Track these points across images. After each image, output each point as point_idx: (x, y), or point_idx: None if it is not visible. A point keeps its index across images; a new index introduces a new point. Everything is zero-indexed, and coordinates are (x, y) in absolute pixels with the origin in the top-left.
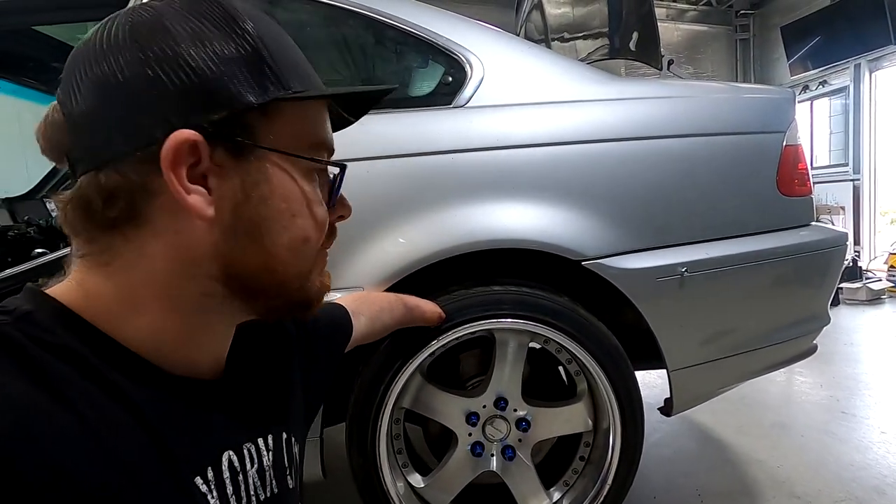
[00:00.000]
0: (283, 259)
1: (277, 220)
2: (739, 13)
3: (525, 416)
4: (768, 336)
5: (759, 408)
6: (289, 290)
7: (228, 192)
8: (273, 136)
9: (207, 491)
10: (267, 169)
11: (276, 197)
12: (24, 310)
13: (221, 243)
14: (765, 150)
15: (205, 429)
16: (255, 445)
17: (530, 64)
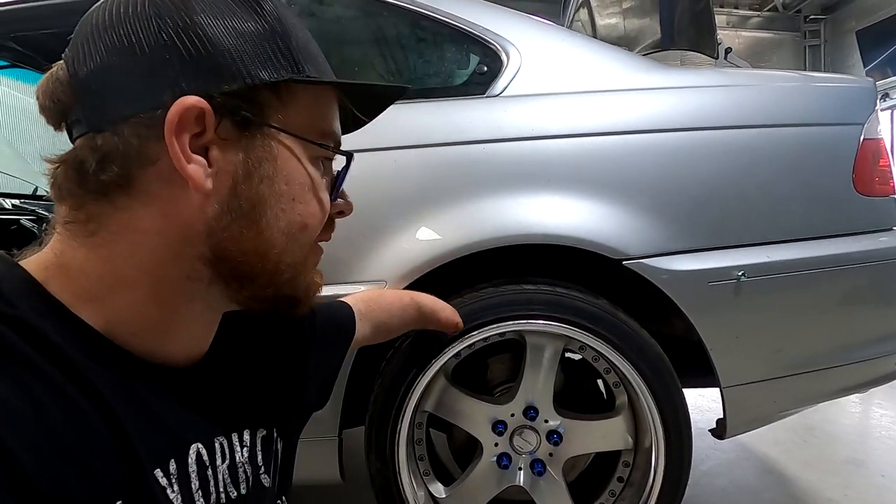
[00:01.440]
0: (278, 244)
1: (277, 202)
2: (809, 18)
3: (557, 428)
4: (840, 354)
5: (830, 441)
6: (279, 280)
7: (230, 167)
8: (283, 116)
9: (167, 484)
10: (273, 148)
11: (280, 178)
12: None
13: (215, 221)
14: (839, 144)
15: (172, 419)
16: (227, 440)
17: (572, 52)
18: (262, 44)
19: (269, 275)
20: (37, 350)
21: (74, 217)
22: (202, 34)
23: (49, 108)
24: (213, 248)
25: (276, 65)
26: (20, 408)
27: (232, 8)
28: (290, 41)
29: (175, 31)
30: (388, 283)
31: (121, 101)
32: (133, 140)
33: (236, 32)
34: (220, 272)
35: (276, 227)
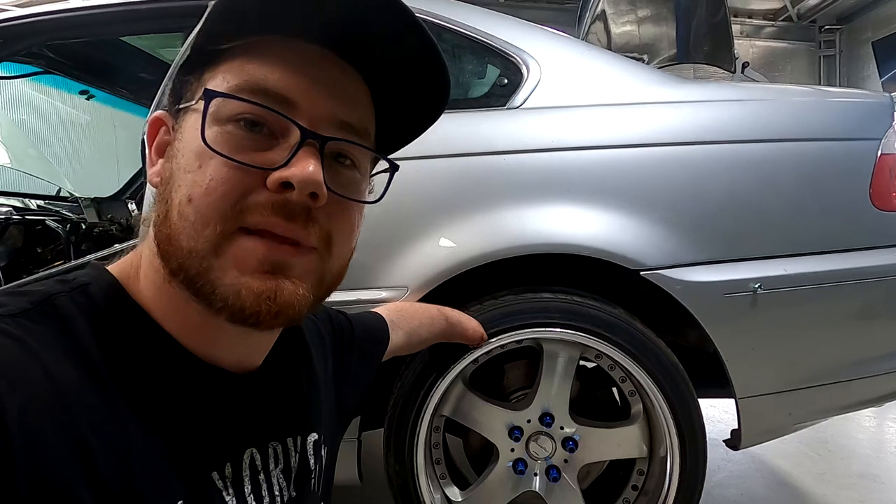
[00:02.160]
0: (173, 223)
1: (177, 176)
2: (824, 28)
3: (572, 434)
4: (855, 368)
5: (844, 455)
6: (188, 269)
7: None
8: (202, 89)
9: (223, 487)
10: (184, 120)
11: (182, 151)
12: (81, 282)
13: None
14: (856, 159)
15: (230, 424)
16: (282, 445)
17: (591, 66)
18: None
19: (179, 265)
20: (113, 352)
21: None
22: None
23: None
24: (154, 240)
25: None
26: (95, 405)
27: None
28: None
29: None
30: (411, 289)
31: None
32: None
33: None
34: (165, 268)
35: (174, 205)
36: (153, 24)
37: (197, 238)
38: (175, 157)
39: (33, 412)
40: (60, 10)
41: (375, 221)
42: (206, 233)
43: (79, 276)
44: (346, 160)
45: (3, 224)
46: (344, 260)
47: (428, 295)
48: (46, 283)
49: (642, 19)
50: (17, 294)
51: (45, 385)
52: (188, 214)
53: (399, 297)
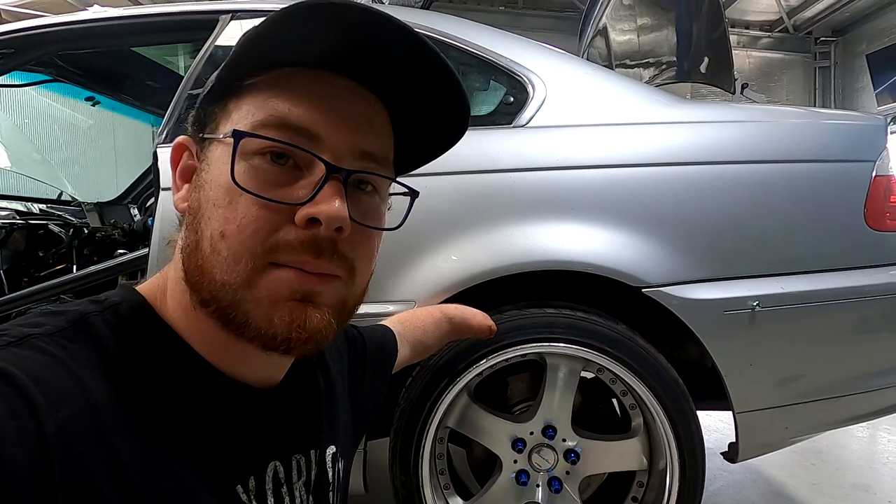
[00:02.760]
0: (205, 256)
1: (206, 209)
2: (819, 40)
3: (574, 447)
4: (851, 384)
5: (838, 465)
6: (221, 301)
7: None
8: (228, 121)
9: (247, 501)
10: (210, 151)
11: (210, 183)
12: (112, 301)
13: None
14: (851, 180)
15: (253, 437)
16: (305, 458)
17: (595, 86)
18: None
19: (212, 297)
20: (142, 369)
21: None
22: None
23: None
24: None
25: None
26: (127, 420)
27: None
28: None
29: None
30: (418, 302)
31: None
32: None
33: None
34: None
35: (205, 237)
36: (160, 36)
37: (230, 272)
38: (203, 188)
39: (71, 428)
40: (72, 21)
41: (385, 236)
42: (238, 268)
43: (110, 296)
44: (367, 186)
45: (6, 228)
46: (364, 285)
47: None
48: (81, 303)
49: (642, 27)
50: (54, 314)
51: (81, 402)
52: (221, 250)
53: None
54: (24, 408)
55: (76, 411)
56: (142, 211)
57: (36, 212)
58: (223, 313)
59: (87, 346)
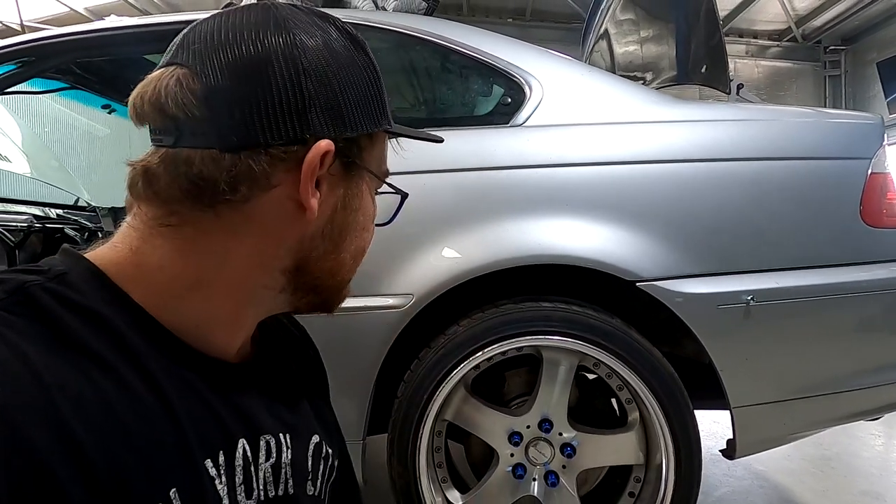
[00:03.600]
0: (346, 265)
1: (355, 230)
2: (829, 49)
3: (571, 441)
4: (849, 380)
5: (848, 472)
6: (335, 291)
7: (332, 199)
8: (369, 158)
9: (216, 475)
10: (361, 185)
11: (361, 210)
12: (58, 270)
13: (308, 242)
14: (847, 178)
15: (223, 412)
16: (275, 439)
17: (591, 86)
18: (368, 95)
19: (332, 289)
20: (101, 339)
21: (169, 221)
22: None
23: (171, 117)
24: (298, 262)
25: (376, 114)
26: (82, 393)
27: (354, 56)
28: (382, 90)
29: (316, 75)
30: (416, 296)
31: (262, 131)
32: (267, 167)
33: (356, 82)
34: (296, 283)
35: (349, 251)
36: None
37: (353, 272)
38: (354, 212)
39: (15, 407)
40: (88, 30)
41: (384, 231)
42: (356, 269)
43: (53, 264)
44: None
45: (25, 232)
46: None
47: (432, 303)
48: (14, 272)
49: (645, 39)
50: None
51: (27, 379)
52: (359, 261)
53: (405, 303)
54: None
55: (21, 388)
56: None
57: (53, 216)
58: (328, 297)
59: (30, 319)
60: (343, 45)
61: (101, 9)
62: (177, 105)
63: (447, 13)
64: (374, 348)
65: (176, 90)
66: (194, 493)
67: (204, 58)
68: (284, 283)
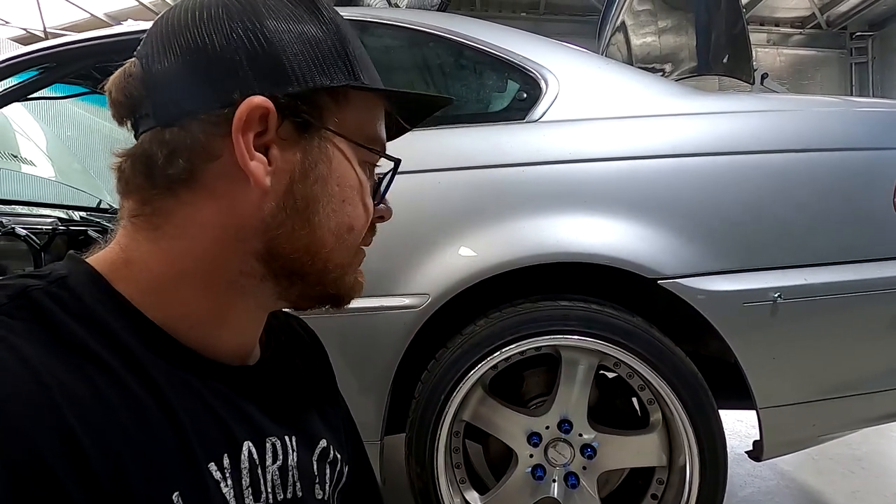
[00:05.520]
0: (327, 244)
1: (329, 202)
2: (855, 35)
3: (591, 441)
4: (881, 379)
5: (879, 473)
6: (326, 279)
7: (287, 167)
8: (338, 120)
9: (221, 479)
10: (328, 150)
11: (333, 179)
12: (58, 274)
13: (270, 218)
14: (880, 169)
15: (226, 415)
16: (280, 441)
17: (608, 79)
18: (323, 49)
19: (318, 273)
20: (100, 342)
21: (141, 211)
22: (270, 37)
23: (120, 103)
24: (267, 244)
25: (335, 70)
26: (84, 396)
27: (296, 12)
28: (347, 47)
29: (245, 33)
30: (432, 296)
31: (191, 98)
32: (200, 135)
33: (301, 37)
34: (272, 269)
35: (327, 227)
36: None
37: (346, 255)
38: (316, 181)
39: (15, 407)
40: (108, 35)
41: (399, 230)
42: (351, 252)
43: (55, 268)
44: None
45: (50, 234)
46: None
47: (449, 302)
48: (16, 277)
49: (663, 30)
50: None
51: (26, 380)
52: (347, 239)
53: (421, 303)
54: None
55: (20, 389)
56: None
57: (77, 219)
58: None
59: (30, 322)
60: (284, 3)
61: (120, 14)
62: (125, 93)
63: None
64: (391, 348)
65: (123, 80)
66: (198, 496)
67: (145, 43)
68: (263, 271)
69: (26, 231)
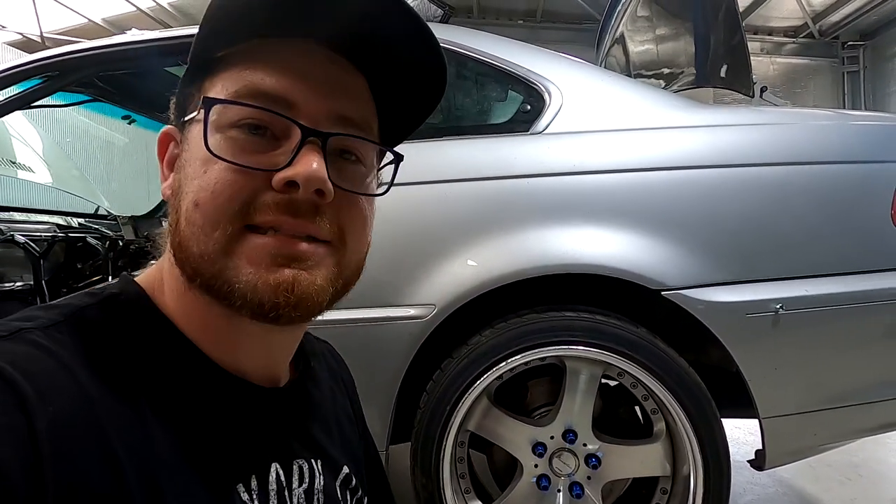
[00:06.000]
0: (182, 230)
1: (184, 185)
2: (847, 44)
3: (595, 451)
4: (882, 389)
5: (876, 480)
6: (203, 273)
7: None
8: (207, 93)
9: (249, 500)
10: (189, 131)
11: (189, 161)
12: (110, 293)
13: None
14: (877, 182)
15: (254, 436)
16: (308, 465)
17: (610, 92)
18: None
19: (194, 270)
20: (139, 362)
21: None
22: None
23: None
24: (171, 248)
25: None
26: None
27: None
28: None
29: None
30: (438, 306)
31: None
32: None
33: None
34: (183, 275)
35: (182, 213)
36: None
37: (207, 242)
38: (183, 168)
39: (63, 423)
40: (111, 44)
41: (405, 241)
42: (215, 235)
43: (108, 287)
44: (351, 156)
45: (49, 241)
46: (360, 253)
47: (454, 313)
48: (77, 296)
49: (660, 37)
50: (50, 307)
51: (75, 396)
52: (196, 220)
53: (427, 314)
54: (13, 402)
55: (68, 406)
56: None
57: (75, 226)
58: (208, 286)
59: (81, 339)
60: None
61: (118, 19)
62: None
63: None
64: (397, 358)
65: None
66: None
67: None
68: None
69: (25, 238)
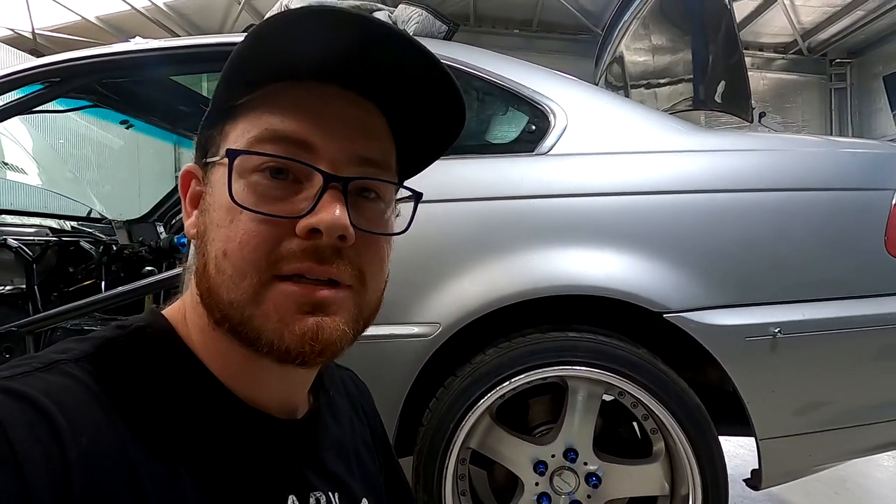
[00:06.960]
0: (211, 277)
1: (210, 230)
2: (835, 62)
3: (596, 470)
4: (876, 412)
5: (862, 494)
6: (231, 319)
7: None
8: (225, 143)
9: None
10: (212, 174)
11: (213, 206)
12: (138, 325)
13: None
14: (871, 208)
15: (272, 468)
16: (325, 497)
17: (614, 114)
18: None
19: (223, 316)
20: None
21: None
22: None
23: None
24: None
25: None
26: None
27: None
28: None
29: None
30: (443, 325)
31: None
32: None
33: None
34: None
35: (210, 259)
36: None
37: (236, 290)
38: (208, 212)
39: (94, 454)
40: (115, 52)
41: (410, 260)
42: (243, 284)
43: (136, 321)
44: (371, 193)
45: (42, 246)
46: (378, 292)
47: (458, 332)
48: (107, 329)
49: (656, 48)
50: (81, 340)
51: (106, 428)
52: (225, 268)
53: (432, 332)
54: (48, 433)
55: (99, 437)
56: (167, 228)
57: (68, 229)
58: (236, 331)
59: (111, 372)
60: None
61: (112, 18)
62: None
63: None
64: (401, 375)
65: None
66: None
67: None
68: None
69: (18, 243)
